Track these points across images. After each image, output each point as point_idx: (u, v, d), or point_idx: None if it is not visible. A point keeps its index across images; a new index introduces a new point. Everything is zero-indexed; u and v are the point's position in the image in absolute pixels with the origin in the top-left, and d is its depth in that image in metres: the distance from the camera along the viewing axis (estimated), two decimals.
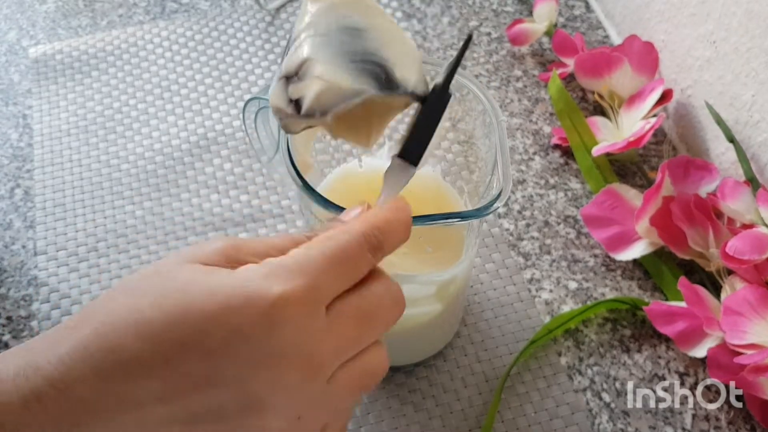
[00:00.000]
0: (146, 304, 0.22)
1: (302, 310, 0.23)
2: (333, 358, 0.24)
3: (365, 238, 0.25)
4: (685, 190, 0.45)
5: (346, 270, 0.24)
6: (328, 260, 0.24)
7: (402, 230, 0.27)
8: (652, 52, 0.51)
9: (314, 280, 0.23)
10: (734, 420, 0.40)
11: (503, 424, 0.40)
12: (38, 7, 0.62)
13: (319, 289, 0.23)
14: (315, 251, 0.24)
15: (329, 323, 0.24)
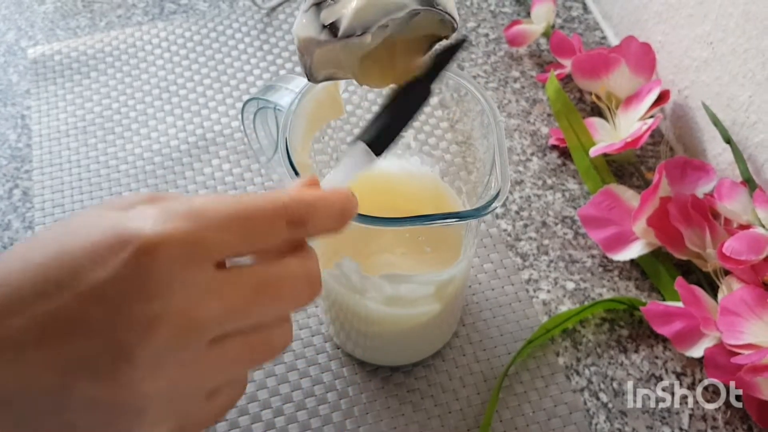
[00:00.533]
0: (39, 243, 0.22)
1: (178, 257, 0.21)
2: (216, 321, 0.22)
3: (285, 208, 0.23)
4: (682, 190, 0.45)
5: (248, 231, 0.23)
6: (230, 215, 0.22)
7: (333, 218, 0.25)
8: (649, 53, 0.51)
9: (202, 230, 0.21)
10: (731, 420, 0.41)
11: (501, 423, 0.40)
12: (37, 7, 0.62)
13: (206, 240, 0.21)
14: (221, 204, 0.22)
15: (219, 282, 0.22)
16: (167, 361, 0.21)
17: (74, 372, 0.21)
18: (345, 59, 0.29)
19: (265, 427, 0.40)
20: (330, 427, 0.40)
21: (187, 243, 0.21)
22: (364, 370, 0.42)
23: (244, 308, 0.23)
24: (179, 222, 0.21)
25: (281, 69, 0.57)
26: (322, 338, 0.43)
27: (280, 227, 0.23)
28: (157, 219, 0.21)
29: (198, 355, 0.22)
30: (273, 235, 0.23)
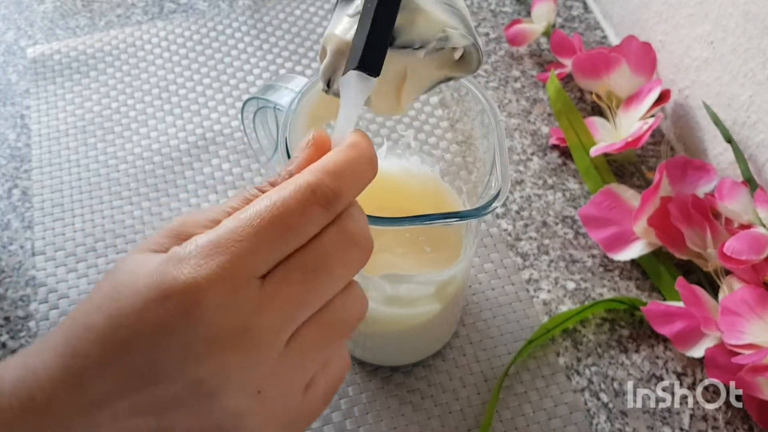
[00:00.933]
0: (94, 306, 0.23)
1: (221, 290, 0.21)
2: (278, 325, 0.22)
3: (312, 191, 0.22)
4: (683, 190, 0.45)
5: (284, 235, 0.22)
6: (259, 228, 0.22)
7: (366, 169, 0.24)
8: (650, 53, 0.51)
9: (233, 256, 0.22)
10: (732, 420, 0.40)
11: (501, 423, 0.40)
12: (36, 7, 0.62)
13: (241, 263, 0.22)
14: (245, 218, 0.22)
15: (268, 291, 0.22)
16: (250, 379, 0.22)
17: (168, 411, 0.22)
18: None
19: None
20: (330, 428, 0.40)
21: (225, 276, 0.22)
22: (364, 370, 0.42)
23: (301, 300, 0.23)
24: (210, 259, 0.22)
25: (281, 68, 0.57)
26: None
27: (315, 214, 0.22)
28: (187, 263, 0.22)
29: (279, 360, 0.23)
30: (310, 225, 0.23)
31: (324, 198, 0.22)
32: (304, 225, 0.22)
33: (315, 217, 0.22)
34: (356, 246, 0.23)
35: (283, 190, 0.22)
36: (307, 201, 0.22)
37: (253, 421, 0.23)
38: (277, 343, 0.23)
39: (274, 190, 0.23)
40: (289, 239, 0.22)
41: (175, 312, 0.21)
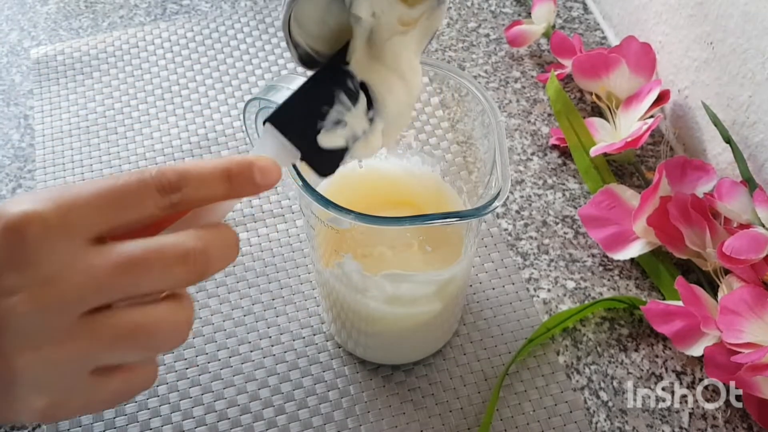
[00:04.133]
0: None
1: (44, 232, 0.22)
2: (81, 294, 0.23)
3: (151, 176, 0.24)
4: (682, 190, 0.46)
5: (116, 202, 0.23)
6: (96, 190, 0.23)
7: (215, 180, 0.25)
8: (649, 53, 0.51)
9: (69, 206, 0.23)
10: (731, 419, 0.41)
11: (502, 422, 0.40)
12: (40, 8, 0.63)
13: (71, 215, 0.23)
14: (89, 183, 0.24)
15: (90, 254, 0.23)
16: (34, 333, 0.22)
17: None
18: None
19: (266, 426, 0.40)
20: (331, 426, 0.40)
21: (53, 219, 0.22)
22: (365, 368, 0.42)
23: (107, 283, 0.23)
24: (47, 202, 0.23)
25: (283, 69, 0.58)
26: (323, 337, 0.43)
27: (149, 194, 0.24)
28: (25, 200, 0.23)
29: (67, 329, 0.23)
30: (144, 203, 0.24)
31: (159, 183, 0.24)
32: (137, 200, 0.24)
33: (148, 196, 0.24)
34: (186, 264, 0.24)
35: (129, 173, 0.24)
36: (145, 181, 0.24)
37: (26, 380, 0.23)
38: (74, 311, 0.23)
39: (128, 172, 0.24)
40: (121, 210, 0.23)
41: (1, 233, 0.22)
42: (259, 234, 0.48)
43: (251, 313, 0.44)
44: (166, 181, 0.24)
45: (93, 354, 0.23)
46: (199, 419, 0.40)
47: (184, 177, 0.24)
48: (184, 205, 0.24)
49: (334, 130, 0.29)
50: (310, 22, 0.29)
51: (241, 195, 0.26)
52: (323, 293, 0.41)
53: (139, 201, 0.24)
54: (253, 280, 0.46)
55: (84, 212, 0.23)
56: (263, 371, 0.42)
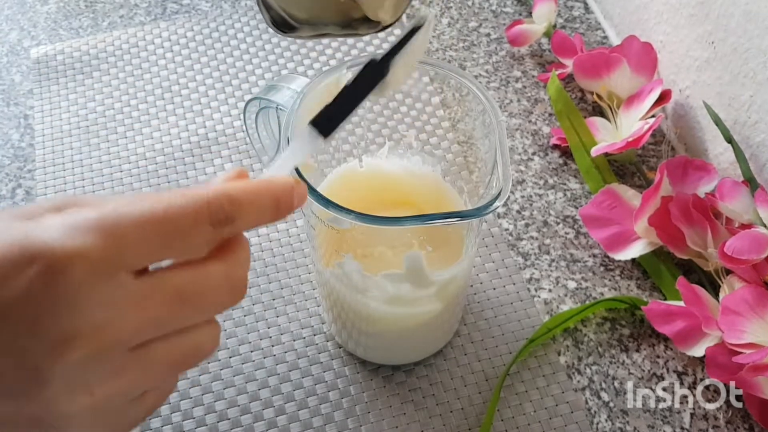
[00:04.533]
0: None
1: (91, 273, 0.20)
2: (134, 332, 0.21)
3: (207, 207, 0.22)
4: (684, 190, 0.46)
5: (167, 236, 0.21)
6: (146, 221, 0.21)
7: (266, 210, 0.24)
8: (650, 53, 0.51)
9: (115, 241, 0.20)
10: (733, 419, 0.41)
11: (503, 422, 0.40)
12: (40, 7, 0.63)
13: (120, 252, 0.20)
14: (135, 208, 0.21)
15: (136, 294, 0.21)
16: (87, 378, 0.21)
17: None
18: None
19: (267, 426, 0.40)
20: (332, 426, 0.40)
21: (100, 258, 0.20)
22: (365, 369, 0.42)
23: (163, 318, 0.22)
24: (91, 235, 0.20)
25: (283, 69, 0.58)
26: (323, 337, 0.43)
27: (203, 229, 0.22)
28: (66, 232, 0.20)
29: (120, 366, 0.22)
30: (195, 237, 0.22)
31: (216, 217, 0.22)
32: (190, 235, 0.22)
33: (201, 231, 0.22)
34: (233, 292, 0.24)
35: (181, 198, 0.22)
36: (200, 214, 0.22)
37: (76, 425, 0.22)
38: (125, 347, 0.22)
39: (174, 195, 0.22)
40: (172, 244, 0.22)
41: (37, 280, 0.19)
42: (260, 234, 0.48)
43: (251, 314, 0.44)
44: (222, 214, 0.22)
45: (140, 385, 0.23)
46: (199, 419, 0.40)
47: (239, 208, 0.23)
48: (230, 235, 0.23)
49: None
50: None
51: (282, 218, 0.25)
52: (324, 293, 0.41)
53: (192, 235, 0.22)
54: (253, 280, 0.46)
55: (132, 245, 0.21)
56: (263, 371, 0.42)
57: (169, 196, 0.22)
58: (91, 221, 0.20)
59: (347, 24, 0.30)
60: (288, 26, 0.30)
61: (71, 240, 0.20)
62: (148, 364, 0.22)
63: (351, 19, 0.30)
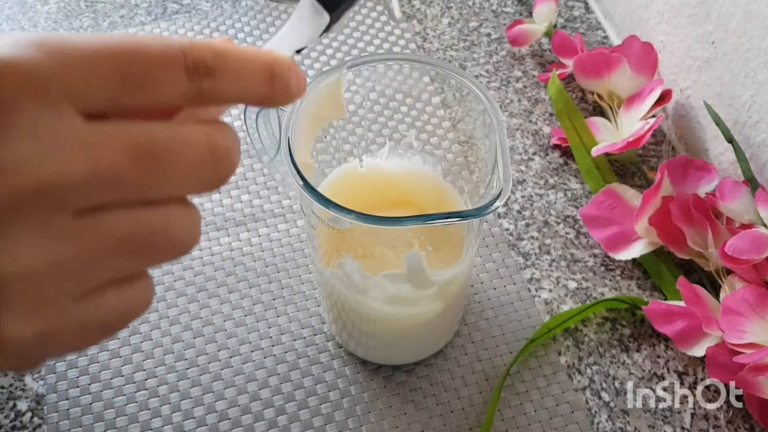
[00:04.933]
0: None
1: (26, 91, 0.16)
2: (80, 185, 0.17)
3: (182, 51, 0.18)
4: (684, 190, 0.46)
5: (128, 74, 0.17)
6: (104, 52, 0.17)
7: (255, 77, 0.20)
8: (651, 53, 0.51)
9: (62, 62, 0.16)
10: (733, 419, 0.41)
11: (503, 422, 0.40)
12: (40, 7, 0.63)
13: (67, 78, 0.17)
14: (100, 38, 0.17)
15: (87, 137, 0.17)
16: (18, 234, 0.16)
17: None
18: None
19: (267, 426, 0.40)
20: (332, 426, 0.40)
21: (37, 74, 0.16)
22: (366, 369, 0.42)
23: (120, 174, 0.17)
24: (32, 49, 0.16)
25: None
26: (324, 337, 0.43)
27: (175, 75, 0.18)
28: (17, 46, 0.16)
29: (57, 230, 0.17)
30: (165, 85, 0.18)
31: (192, 63, 0.18)
32: (159, 79, 0.18)
33: (174, 77, 0.18)
34: (215, 160, 0.19)
35: (156, 39, 0.18)
36: (173, 56, 0.18)
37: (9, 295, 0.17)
38: (67, 206, 0.17)
39: (148, 36, 0.18)
40: (135, 85, 0.18)
41: None
42: (260, 234, 0.48)
43: (252, 314, 0.44)
44: (201, 62, 0.18)
45: (90, 263, 0.18)
46: (199, 419, 0.40)
47: (222, 60, 0.19)
48: (212, 100, 0.19)
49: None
50: None
51: (274, 103, 0.21)
52: (324, 293, 0.41)
53: (161, 80, 0.18)
54: (253, 280, 0.46)
55: (81, 73, 0.17)
56: (264, 371, 0.42)
57: (139, 36, 0.18)
58: (41, 38, 0.17)
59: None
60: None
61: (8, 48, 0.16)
62: (99, 235, 0.18)
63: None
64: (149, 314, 0.44)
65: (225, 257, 0.47)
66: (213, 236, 0.48)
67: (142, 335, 0.43)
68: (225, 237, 0.48)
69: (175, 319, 0.44)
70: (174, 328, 0.44)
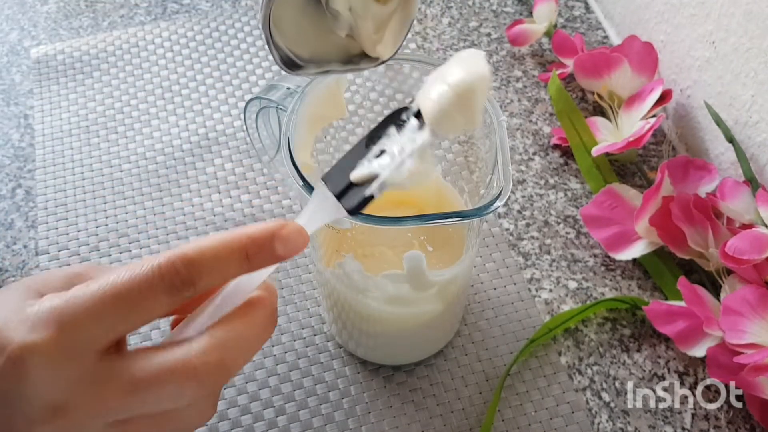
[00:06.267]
0: None
1: (49, 361, 0.22)
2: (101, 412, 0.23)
3: (164, 272, 0.22)
4: (685, 190, 0.45)
5: (119, 313, 0.22)
6: (96, 303, 0.22)
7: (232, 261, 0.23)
8: (651, 53, 0.51)
9: (70, 329, 0.22)
10: (734, 420, 0.41)
11: (504, 422, 0.40)
12: (40, 7, 0.63)
13: (76, 338, 0.22)
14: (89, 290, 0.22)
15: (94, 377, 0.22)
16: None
17: None
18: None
19: (267, 426, 0.40)
20: (332, 426, 0.40)
21: (54, 348, 0.22)
22: (366, 369, 0.42)
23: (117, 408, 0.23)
24: (47, 329, 0.22)
25: None
26: (324, 337, 0.43)
27: (158, 297, 0.22)
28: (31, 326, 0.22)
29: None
30: (153, 306, 0.23)
31: (170, 282, 0.22)
32: (144, 307, 0.22)
33: (157, 301, 0.22)
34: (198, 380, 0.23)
35: (135, 268, 0.22)
36: (151, 282, 0.22)
37: None
38: (100, 422, 0.23)
39: (128, 267, 0.23)
40: (129, 317, 0.22)
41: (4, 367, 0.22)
42: None
43: None
44: (177, 279, 0.22)
45: None
46: None
47: (196, 268, 0.23)
48: (201, 293, 0.23)
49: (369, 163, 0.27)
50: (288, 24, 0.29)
51: (261, 268, 0.25)
52: (324, 293, 0.41)
53: (148, 305, 0.22)
54: None
55: (88, 328, 0.22)
56: (263, 372, 0.42)
57: (123, 269, 0.23)
58: (49, 312, 0.22)
59: (348, 60, 0.31)
60: (295, 65, 0.31)
61: (30, 334, 0.22)
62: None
63: (351, 55, 0.31)
64: None
65: None
66: None
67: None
68: None
69: None
70: None
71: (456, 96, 0.26)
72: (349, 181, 0.27)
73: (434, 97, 0.27)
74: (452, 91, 0.26)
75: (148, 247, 0.47)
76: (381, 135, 0.28)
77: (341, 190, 0.27)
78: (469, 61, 0.27)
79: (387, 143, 0.27)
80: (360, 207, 0.27)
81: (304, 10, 0.29)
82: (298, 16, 0.29)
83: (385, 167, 0.27)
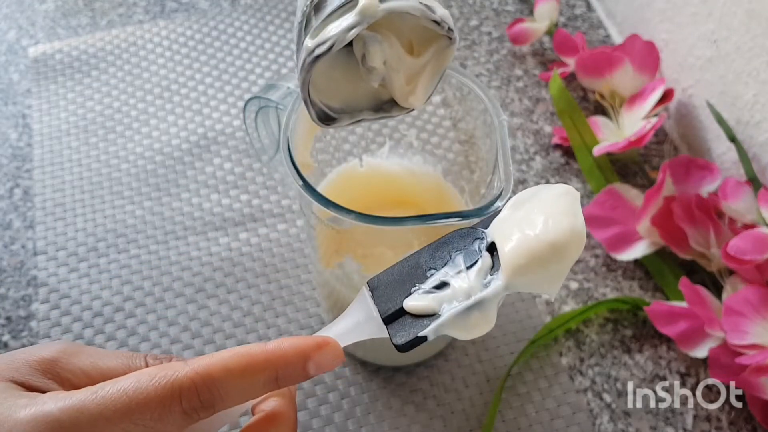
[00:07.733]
0: None
1: None
2: None
3: (178, 395, 0.21)
4: (687, 189, 0.45)
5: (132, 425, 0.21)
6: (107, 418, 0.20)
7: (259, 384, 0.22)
8: (653, 52, 0.51)
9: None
10: (735, 420, 0.40)
11: (504, 423, 0.40)
12: (38, 6, 0.62)
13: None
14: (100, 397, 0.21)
15: None
16: None
17: None
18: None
19: None
20: (332, 428, 0.40)
21: None
22: (366, 370, 0.42)
23: None
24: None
25: (283, 68, 0.57)
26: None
27: (173, 420, 0.21)
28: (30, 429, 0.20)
29: None
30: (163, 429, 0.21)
31: (189, 404, 0.21)
32: (157, 429, 0.21)
33: (172, 421, 0.21)
34: None
35: (152, 379, 0.21)
36: (169, 405, 0.21)
37: None
38: None
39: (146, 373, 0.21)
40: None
41: None
42: (259, 234, 0.48)
43: (250, 314, 0.44)
44: (197, 402, 0.21)
45: None
46: None
47: (219, 391, 0.21)
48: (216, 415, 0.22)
49: (427, 294, 0.25)
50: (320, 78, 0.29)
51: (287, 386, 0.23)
52: (323, 294, 0.40)
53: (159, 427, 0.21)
54: (252, 280, 0.45)
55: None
56: None
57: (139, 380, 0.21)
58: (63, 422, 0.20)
59: (379, 107, 0.31)
60: (329, 118, 0.30)
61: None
62: None
63: (382, 101, 0.31)
64: (147, 315, 0.44)
65: (223, 257, 0.46)
66: (211, 236, 0.47)
67: (140, 336, 0.43)
68: (224, 237, 0.47)
69: (174, 320, 0.44)
70: (172, 329, 0.43)
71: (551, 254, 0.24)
72: (401, 306, 0.25)
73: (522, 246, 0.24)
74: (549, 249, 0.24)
75: (146, 247, 0.47)
76: (445, 259, 0.25)
77: (390, 314, 0.25)
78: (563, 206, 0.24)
79: (451, 274, 0.24)
80: (410, 347, 0.25)
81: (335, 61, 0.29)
82: (330, 68, 0.29)
83: (446, 308, 0.24)
